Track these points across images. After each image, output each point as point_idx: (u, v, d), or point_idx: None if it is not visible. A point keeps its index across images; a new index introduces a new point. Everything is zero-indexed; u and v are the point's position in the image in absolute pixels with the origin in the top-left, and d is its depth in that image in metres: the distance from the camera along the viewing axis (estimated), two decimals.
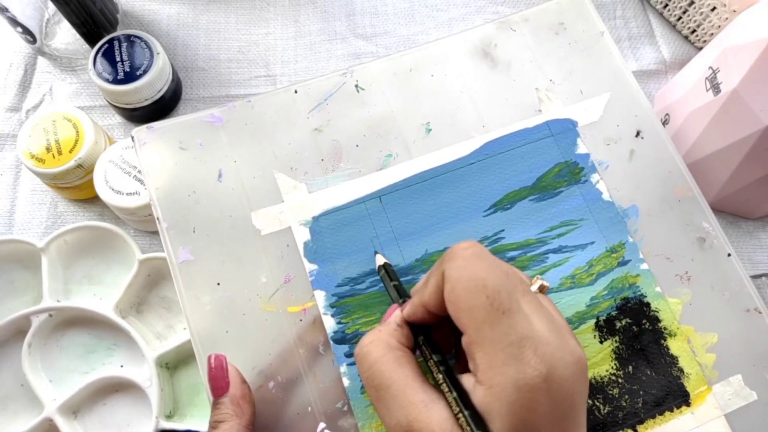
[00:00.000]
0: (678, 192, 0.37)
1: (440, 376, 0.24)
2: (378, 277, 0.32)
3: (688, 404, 0.32)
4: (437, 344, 0.26)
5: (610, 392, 0.32)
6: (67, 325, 0.39)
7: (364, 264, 0.33)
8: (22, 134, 0.40)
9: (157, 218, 0.32)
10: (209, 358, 0.28)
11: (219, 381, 0.28)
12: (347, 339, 0.31)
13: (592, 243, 0.34)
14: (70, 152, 0.40)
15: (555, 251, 0.34)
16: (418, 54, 0.38)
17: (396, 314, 0.27)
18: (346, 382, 0.31)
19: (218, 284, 0.31)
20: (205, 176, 0.34)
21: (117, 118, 0.47)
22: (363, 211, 0.34)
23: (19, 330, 0.38)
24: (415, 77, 0.38)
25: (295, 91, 0.36)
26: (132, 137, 0.34)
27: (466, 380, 0.23)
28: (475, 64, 0.38)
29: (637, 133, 0.38)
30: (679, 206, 0.36)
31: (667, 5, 0.52)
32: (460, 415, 0.22)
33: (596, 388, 0.32)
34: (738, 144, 0.40)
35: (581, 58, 0.39)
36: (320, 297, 0.32)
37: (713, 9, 0.48)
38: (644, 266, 0.34)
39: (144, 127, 0.34)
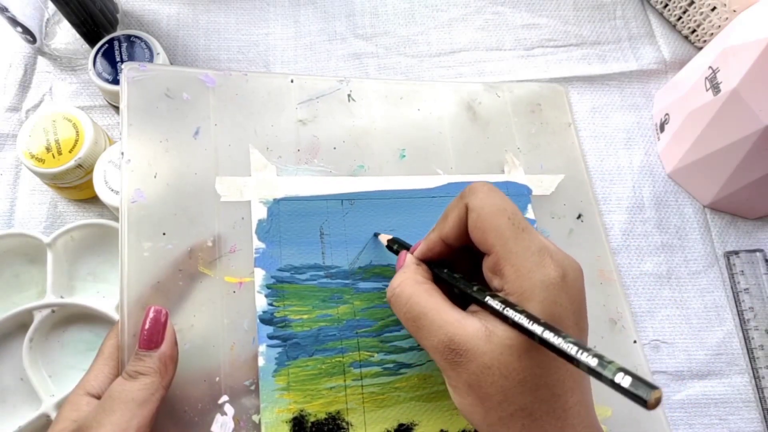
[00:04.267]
0: (602, 275, 0.41)
1: (480, 291, 0.26)
2: (320, 273, 0.34)
3: None
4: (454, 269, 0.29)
5: None
6: (69, 321, 0.39)
7: (309, 256, 0.34)
8: (21, 134, 0.40)
9: (122, 153, 0.32)
10: (149, 308, 0.28)
11: (155, 334, 0.28)
12: (274, 321, 0.32)
13: None
14: (70, 152, 0.40)
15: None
16: (412, 87, 0.41)
17: (411, 256, 0.30)
18: (261, 361, 0.31)
19: (164, 234, 0.31)
20: (182, 129, 0.34)
21: (117, 118, 0.47)
22: (323, 207, 0.35)
23: (21, 324, 0.39)
24: (404, 105, 0.40)
25: (291, 81, 0.37)
26: (121, 69, 0.34)
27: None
28: (458, 112, 0.42)
29: (579, 216, 0.42)
30: (601, 287, 0.41)
31: (667, 5, 0.52)
32: (508, 309, 0.24)
33: None
34: (738, 144, 0.40)
35: (548, 139, 0.44)
36: (259, 275, 0.32)
37: (713, 9, 0.48)
38: None
39: (137, 64, 0.34)
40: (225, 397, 0.30)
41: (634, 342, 0.40)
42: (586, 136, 0.48)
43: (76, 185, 0.42)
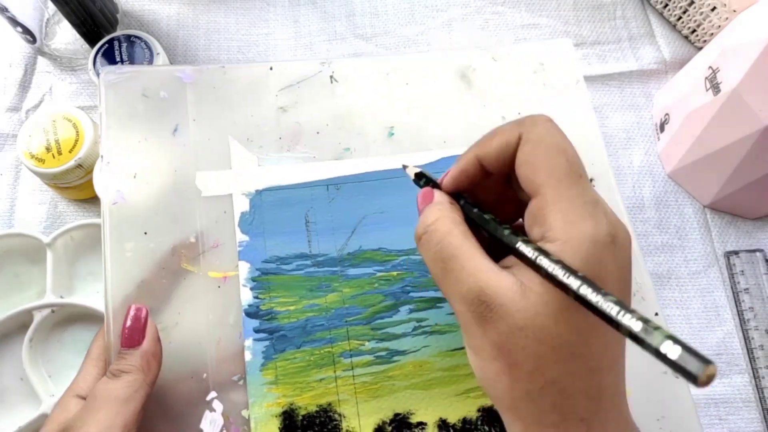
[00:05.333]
0: None
1: (513, 235, 0.23)
2: (306, 262, 0.33)
3: None
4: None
5: None
6: (68, 321, 0.39)
7: (295, 246, 0.33)
8: (22, 134, 0.40)
9: (101, 156, 0.32)
10: (130, 307, 0.28)
11: (136, 332, 0.28)
12: (260, 314, 0.31)
13: None
14: (70, 152, 0.40)
15: None
16: (398, 61, 0.39)
17: (439, 195, 0.27)
18: (248, 356, 0.30)
19: (145, 233, 0.31)
20: (161, 127, 0.33)
21: None
22: (308, 195, 0.34)
23: (21, 324, 0.39)
24: (391, 81, 0.38)
25: (271, 68, 0.36)
26: (97, 73, 0.33)
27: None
28: (451, 83, 0.39)
29: (591, 180, 0.38)
30: None
31: (667, 5, 0.52)
32: (541, 258, 0.21)
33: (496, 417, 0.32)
34: (738, 144, 0.40)
35: (553, 99, 0.40)
36: (244, 268, 0.32)
37: (713, 9, 0.48)
38: None
39: (113, 67, 0.34)
40: (213, 394, 0.30)
41: (656, 314, 0.36)
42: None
43: (76, 185, 0.42)
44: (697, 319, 0.43)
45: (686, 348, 0.17)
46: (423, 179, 0.30)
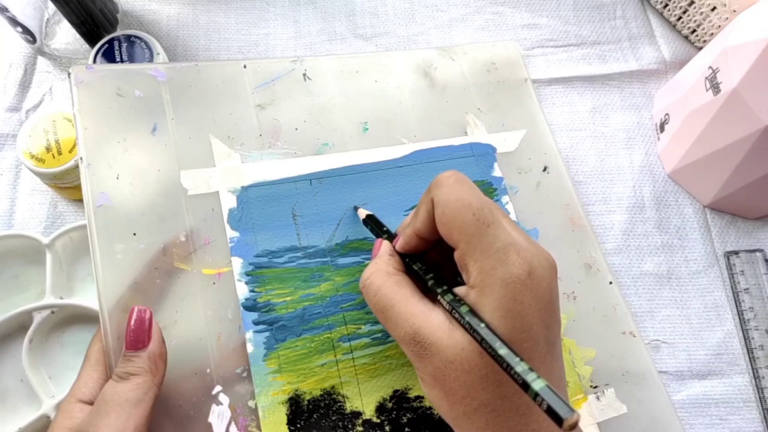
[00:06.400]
0: (573, 222, 0.42)
1: (436, 286, 0.27)
2: (297, 254, 0.34)
3: None
4: (426, 265, 0.29)
5: None
6: (68, 322, 0.39)
7: (285, 239, 0.34)
8: (21, 134, 0.40)
9: (81, 158, 0.32)
10: (133, 308, 0.28)
11: (141, 334, 0.28)
12: (258, 307, 0.32)
13: None
14: (70, 152, 0.40)
15: None
16: (367, 59, 0.41)
17: (385, 246, 0.30)
18: (250, 348, 0.31)
19: (134, 234, 0.31)
20: (139, 127, 0.34)
21: None
22: (293, 189, 0.35)
23: (21, 325, 0.39)
24: (361, 79, 0.40)
25: (244, 66, 0.37)
26: (69, 73, 0.33)
27: (459, 290, 0.26)
28: (415, 80, 0.42)
29: (545, 168, 0.43)
30: (572, 234, 0.41)
31: (667, 5, 0.52)
32: (455, 312, 0.25)
33: None
34: (738, 144, 0.40)
35: (506, 96, 0.44)
36: (237, 264, 0.33)
37: (713, 9, 0.48)
38: None
39: (84, 65, 0.34)
40: (218, 388, 0.30)
41: (610, 283, 0.40)
42: (586, 136, 0.48)
43: (76, 185, 0.42)
44: (697, 319, 0.43)
45: (559, 397, 0.20)
46: (371, 223, 0.33)
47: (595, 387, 0.37)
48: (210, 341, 0.31)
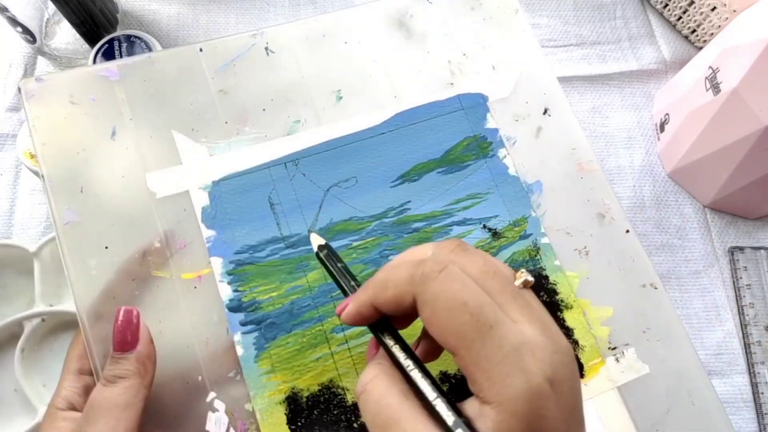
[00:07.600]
0: (581, 168, 0.37)
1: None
2: (279, 246, 0.32)
3: (582, 376, 0.32)
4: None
5: None
6: (59, 329, 0.39)
7: (265, 231, 0.32)
8: (22, 134, 0.40)
9: (42, 176, 0.31)
10: (119, 310, 0.27)
11: (129, 335, 0.27)
12: (243, 307, 0.31)
13: (496, 216, 0.35)
14: None
15: (459, 223, 0.34)
16: (333, 19, 0.37)
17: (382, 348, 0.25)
18: (239, 350, 0.30)
19: (106, 248, 0.30)
20: (97, 133, 0.32)
21: None
22: (267, 177, 0.33)
23: (12, 335, 0.39)
24: (328, 43, 0.37)
25: (200, 50, 0.35)
26: (19, 88, 0.32)
27: (470, 406, 0.22)
28: (390, 34, 0.38)
29: (545, 111, 0.38)
30: (581, 182, 0.37)
31: (667, 5, 0.52)
32: None
33: None
34: (738, 144, 0.40)
35: (495, 34, 0.39)
36: (217, 264, 0.31)
37: (713, 9, 0.48)
38: (545, 240, 0.35)
39: (32, 78, 0.33)
40: (212, 394, 0.29)
41: (627, 231, 0.36)
42: (586, 136, 0.48)
43: None
44: (697, 319, 0.43)
45: None
46: (325, 251, 0.29)
47: (614, 348, 0.34)
48: (198, 347, 0.30)
